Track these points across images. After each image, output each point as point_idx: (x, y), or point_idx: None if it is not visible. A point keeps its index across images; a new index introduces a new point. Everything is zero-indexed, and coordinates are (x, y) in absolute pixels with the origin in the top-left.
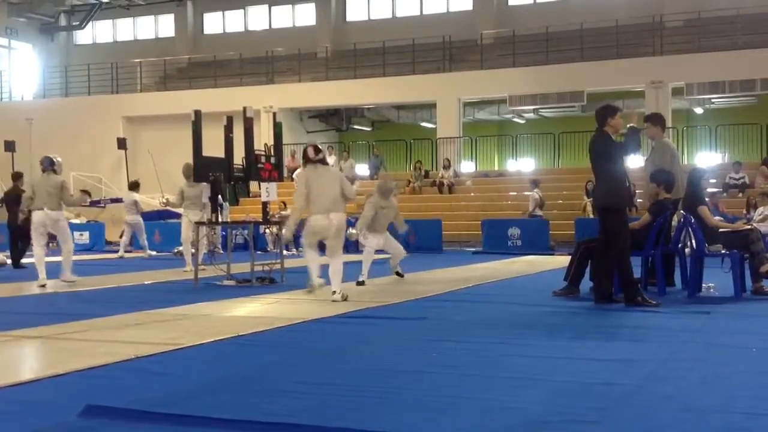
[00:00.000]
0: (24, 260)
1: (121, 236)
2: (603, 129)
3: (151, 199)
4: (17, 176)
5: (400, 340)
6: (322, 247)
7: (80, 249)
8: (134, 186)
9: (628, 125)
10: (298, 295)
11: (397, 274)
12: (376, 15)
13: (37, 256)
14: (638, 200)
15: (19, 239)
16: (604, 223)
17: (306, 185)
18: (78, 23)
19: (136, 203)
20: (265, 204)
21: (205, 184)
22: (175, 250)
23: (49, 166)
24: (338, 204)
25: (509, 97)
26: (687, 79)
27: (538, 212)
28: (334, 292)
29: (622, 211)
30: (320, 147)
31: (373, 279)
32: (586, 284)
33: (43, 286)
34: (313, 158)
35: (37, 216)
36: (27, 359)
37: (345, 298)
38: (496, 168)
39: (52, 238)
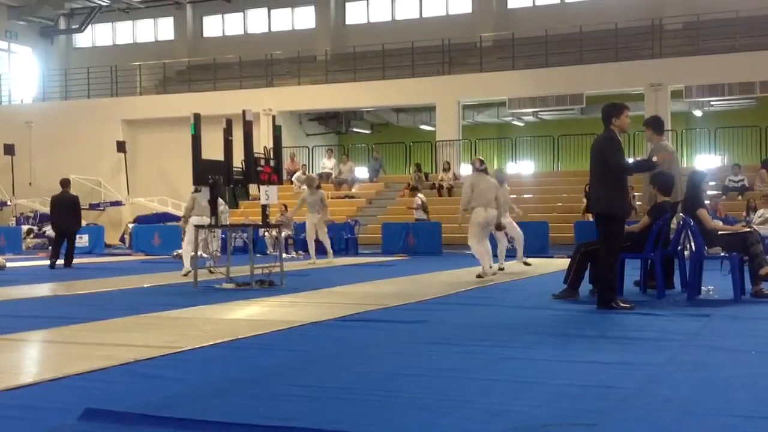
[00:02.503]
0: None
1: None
2: (609, 128)
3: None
4: (66, 183)
5: (399, 343)
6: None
7: (79, 252)
8: None
9: (653, 158)
10: (298, 298)
11: (525, 263)
12: (375, 18)
13: (186, 251)
14: (637, 203)
15: (67, 241)
16: (601, 228)
17: (471, 186)
18: (77, 26)
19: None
20: (264, 207)
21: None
22: (174, 253)
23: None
24: (493, 203)
25: (508, 100)
26: (686, 81)
27: (423, 216)
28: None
29: (622, 219)
30: (483, 160)
31: (375, 281)
32: (585, 287)
33: (186, 275)
34: (479, 168)
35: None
36: (26, 363)
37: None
38: None
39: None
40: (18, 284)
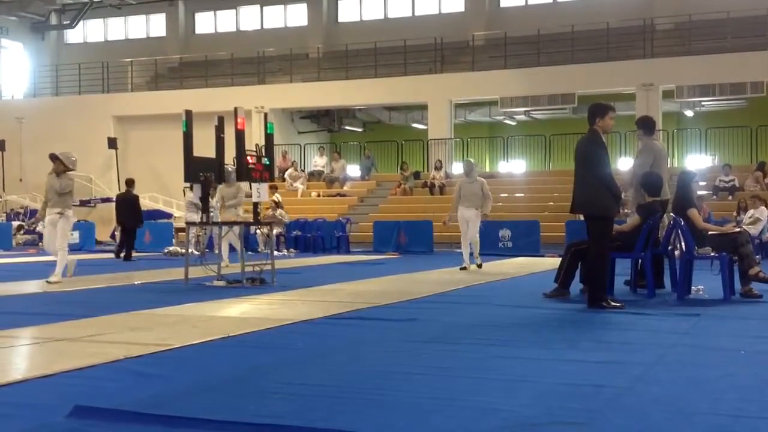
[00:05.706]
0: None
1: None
2: (592, 128)
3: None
4: (130, 182)
5: (389, 341)
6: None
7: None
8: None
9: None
10: (288, 296)
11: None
12: (368, 16)
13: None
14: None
15: (128, 236)
16: (590, 229)
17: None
18: (69, 22)
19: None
20: (255, 204)
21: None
22: (166, 250)
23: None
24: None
25: (500, 99)
26: (677, 81)
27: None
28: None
29: (611, 219)
30: None
31: (366, 279)
32: (576, 286)
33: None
34: None
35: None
36: (15, 359)
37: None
38: (487, 169)
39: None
40: (7, 281)
